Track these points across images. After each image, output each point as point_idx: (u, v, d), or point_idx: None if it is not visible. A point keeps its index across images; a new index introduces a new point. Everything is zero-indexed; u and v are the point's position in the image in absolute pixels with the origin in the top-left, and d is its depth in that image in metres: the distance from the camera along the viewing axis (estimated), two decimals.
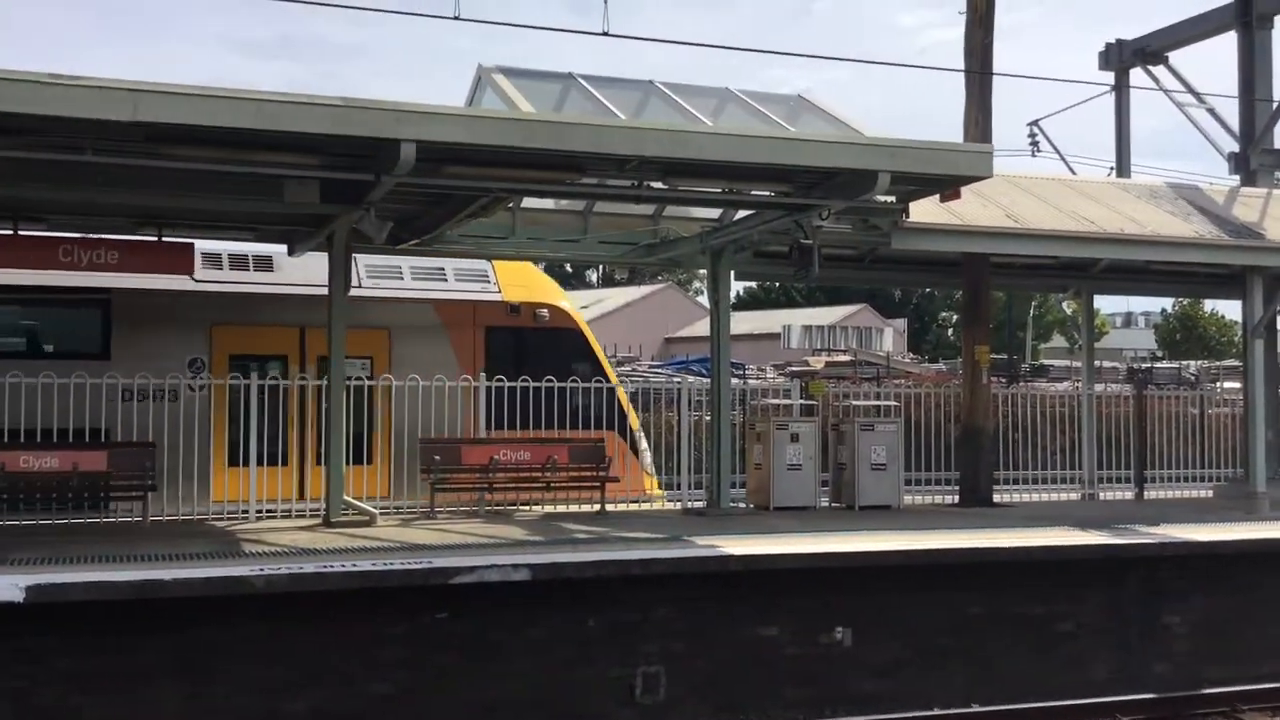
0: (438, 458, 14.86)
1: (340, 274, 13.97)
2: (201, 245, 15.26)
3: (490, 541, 11.98)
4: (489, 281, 17.71)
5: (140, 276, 14.78)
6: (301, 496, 15.19)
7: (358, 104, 10.59)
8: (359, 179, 11.63)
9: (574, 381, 15.90)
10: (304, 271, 16.29)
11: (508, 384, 15.44)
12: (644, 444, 17.53)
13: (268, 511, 14.55)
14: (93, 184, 12.12)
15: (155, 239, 14.14)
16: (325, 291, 14.02)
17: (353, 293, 14.44)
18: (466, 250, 15.86)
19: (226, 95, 10.26)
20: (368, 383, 15.33)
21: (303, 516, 14.50)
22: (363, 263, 16.64)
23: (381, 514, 14.15)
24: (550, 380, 15.54)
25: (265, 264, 16.88)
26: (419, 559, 10.47)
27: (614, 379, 17.59)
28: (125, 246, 13.84)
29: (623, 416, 16.93)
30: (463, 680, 10.30)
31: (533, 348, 17.17)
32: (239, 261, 16.80)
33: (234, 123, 10.20)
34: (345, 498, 13.89)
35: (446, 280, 17.54)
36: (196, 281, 15.70)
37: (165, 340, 15.50)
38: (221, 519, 14.33)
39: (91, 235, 13.95)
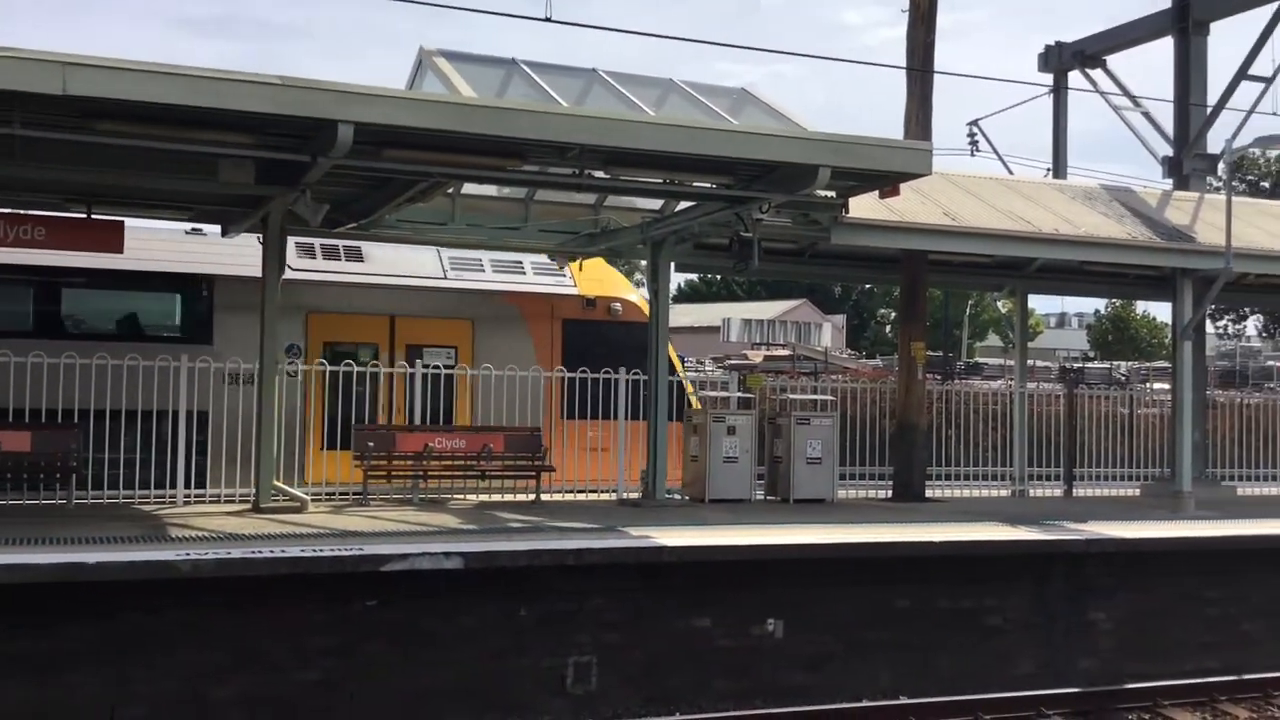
0: (371, 444, 14.72)
1: (274, 256, 13.79)
2: (296, 237, 15.34)
3: (423, 529, 11.89)
4: (565, 275, 18.43)
5: (241, 265, 15.49)
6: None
7: (295, 83, 10.42)
8: (295, 160, 11.46)
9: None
10: (391, 263, 17.32)
11: (577, 375, 15.92)
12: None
13: (195, 496, 14.35)
14: (21, 158, 11.83)
15: (84, 216, 13.84)
16: (413, 281, 15.20)
17: (439, 284, 16.09)
18: (404, 236, 15.72)
19: (161, 71, 10.05)
20: (443, 372, 15.84)
21: (231, 501, 14.30)
22: (446, 255, 17.63)
23: (313, 500, 13.99)
24: (628, 372, 16.04)
25: (355, 254, 17.42)
26: (349, 545, 10.36)
27: (681, 371, 18.45)
28: (53, 223, 13.52)
29: (689, 408, 17.52)
30: (393, 669, 10.21)
31: (606, 340, 17.69)
32: (331, 251, 17.29)
33: (168, 99, 10.00)
34: (275, 483, 13.72)
35: (525, 274, 18.34)
36: (293, 270, 15.95)
37: None
38: (147, 502, 14.09)
39: (19, 211, 13.62)
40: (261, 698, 9.80)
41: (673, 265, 16.25)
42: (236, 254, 16.06)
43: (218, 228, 15.38)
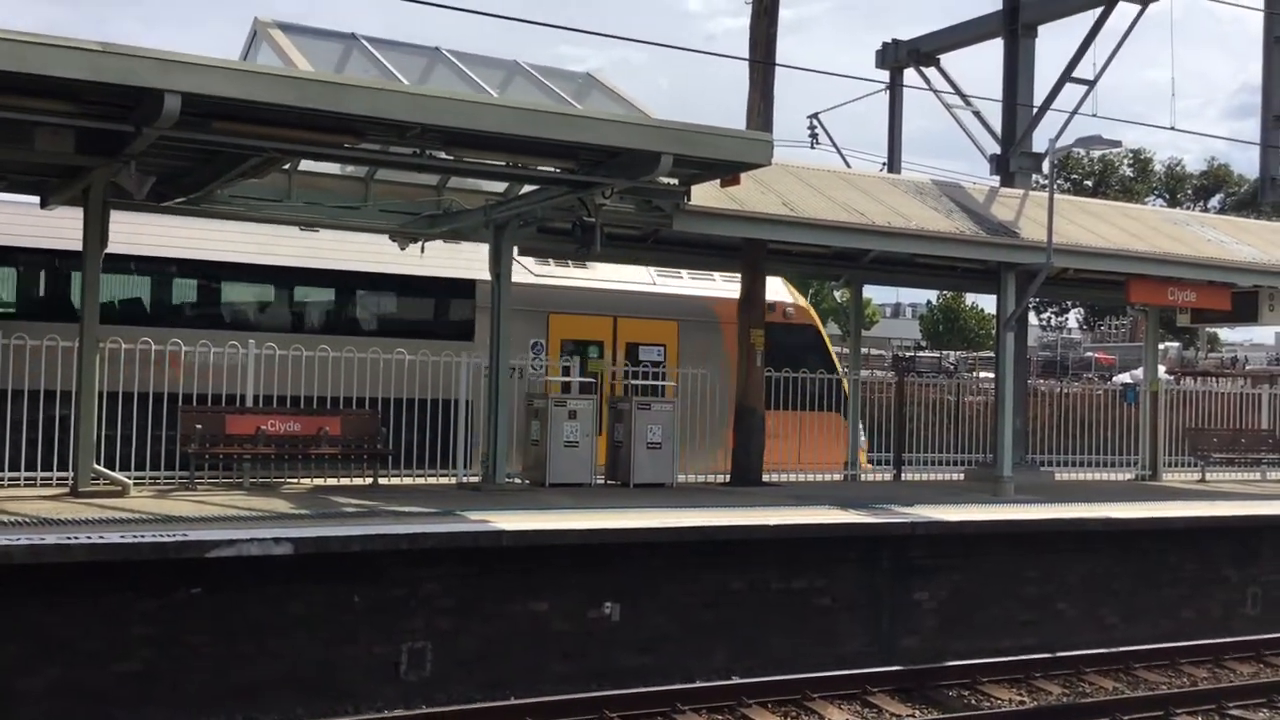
0: (199, 426, 14.25)
1: (96, 230, 13.20)
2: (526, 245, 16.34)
3: (252, 514, 11.55)
4: None
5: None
6: None
7: (118, 50, 9.97)
8: (118, 130, 10.97)
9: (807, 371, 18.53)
10: (615, 270, 19.91)
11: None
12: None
13: (9, 480, 13.69)
14: None
15: None
16: (630, 287, 18.56)
17: (650, 289, 19.16)
18: (236, 212, 15.23)
19: None
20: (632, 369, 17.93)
21: (48, 485, 13.67)
22: (652, 267, 20.09)
23: (135, 484, 13.48)
24: (797, 369, 18.41)
25: (582, 265, 19.54)
26: (172, 531, 10.01)
27: (839, 369, 20.77)
28: None
29: (845, 400, 18.94)
30: (218, 659, 9.92)
31: (783, 341, 19.51)
32: (563, 259, 18.98)
33: None
34: (96, 466, 13.17)
35: (715, 280, 20.92)
36: (534, 275, 18.90)
37: (515, 326, 16.66)
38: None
39: None
40: (74, 690, 9.41)
41: (515, 248, 16.15)
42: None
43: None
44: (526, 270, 18.48)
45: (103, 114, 10.82)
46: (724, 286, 20.53)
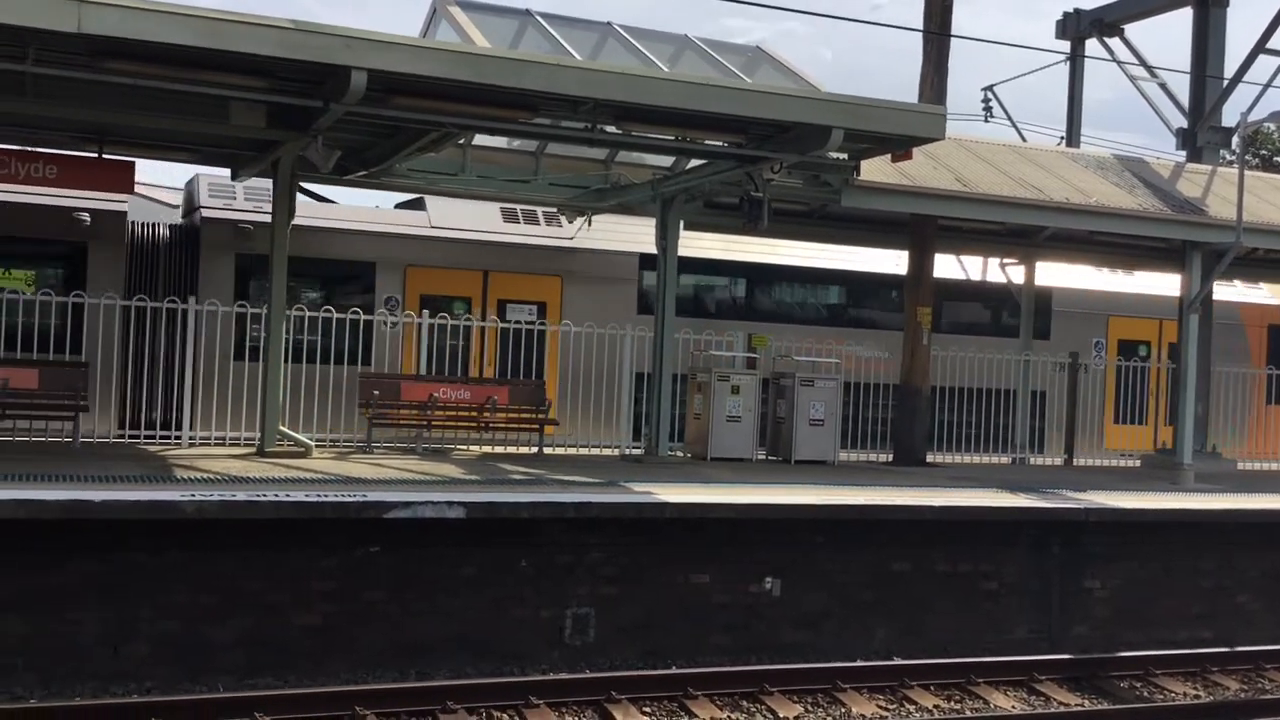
0: (376, 393, 14.78)
1: (284, 201, 13.78)
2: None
3: (426, 478, 11.96)
4: (1262, 289, 22.93)
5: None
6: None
7: (308, 28, 10.38)
8: (307, 105, 11.43)
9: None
10: (1158, 278, 20.69)
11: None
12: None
13: (201, 439, 14.45)
14: (33, 96, 11.81)
15: (96, 156, 13.83)
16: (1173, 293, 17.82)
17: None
18: (414, 185, 15.70)
19: (175, 11, 10.00)
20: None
21: (236, 445, 14.38)
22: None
23: (317, 446, 14.07)
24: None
25: (1130, 273, 21.46)
26: (353, 492, 10.43)
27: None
28: (63, 161, 13.51)
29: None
30: (392, 615, 10.31)
31: None
32: (1124, 268, 21.06)
33: (181, 40, 9.96)
34: (281, 428, 13.79)
35: (1235, 285, 22.15)
36: (1094, 284, 21.74)
37: (1079, 325, 20.40)
38: (153, 443, 14.19)
39: (30, 148, 13.61)
40: (259, 641, 9.89)
41: (682, 223, 16.22)
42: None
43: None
44: (1087, 278, 21.39)
45: (293, 90, 11.29)
46: (1245, 292, 22.61)
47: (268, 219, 14.86)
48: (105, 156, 13.82)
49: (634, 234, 18.20)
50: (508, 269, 17.82)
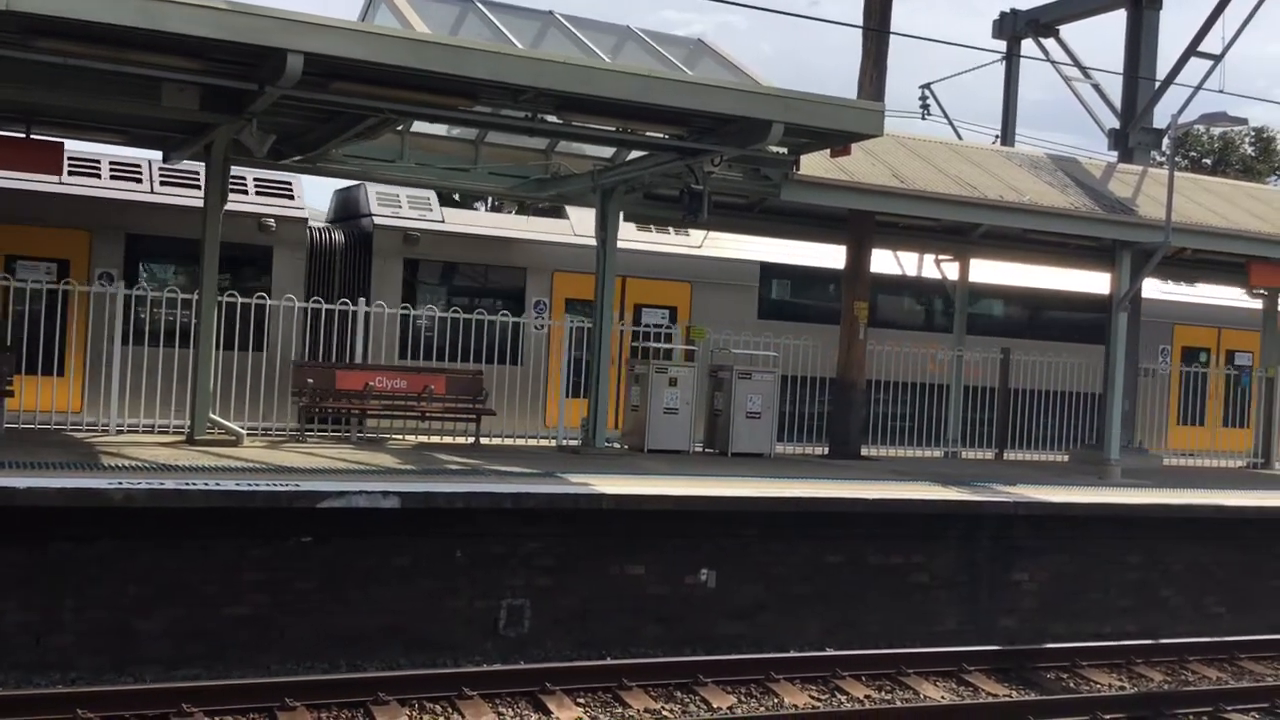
0: (310, 381, 14.61)
1: (217, 185, 13.56)
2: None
3: (360, 468, 11.85)
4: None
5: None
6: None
7: (244, 9, 10.21)
8: (242, 88, 11.26)
9: None
10: (1218, 289, 22.46)
11: None
12: None
13: (129, 426, 14.20)
14: None
15: (23, 136, 13.52)
16: (1236, 303, 21.02)
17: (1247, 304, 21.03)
18: (351, 171, 15.53)
19: None
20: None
21: (165, 433, 14.15)
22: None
23: (249, 434, 13.88)
24: None
25: (1192, 284, 22.91)
26: (285, 481, 10.30)
27: None
28: None
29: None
30: (325, 606, 10.21)
31: None
32: (1177, 278, 22.08)
33: (113, 19, 9.76)
34: (212, 415, 13.59)
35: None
36: (1162, 293, 22.53)
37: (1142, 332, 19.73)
38: (80, 430, 13.92)
39: None
40: (188, 632, 9.75)
41: (621, 214, 16.20)
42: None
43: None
44: (1155, 288, 21.85)
45: (227, 72, 11.11)
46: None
47: (430, 226, 17.10)
48: (33, 137, 13.52)
49: (754, 245, 19.76)
50: (642, 275, 18.87)
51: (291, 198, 17.25)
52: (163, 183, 16.53)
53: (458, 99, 11.78)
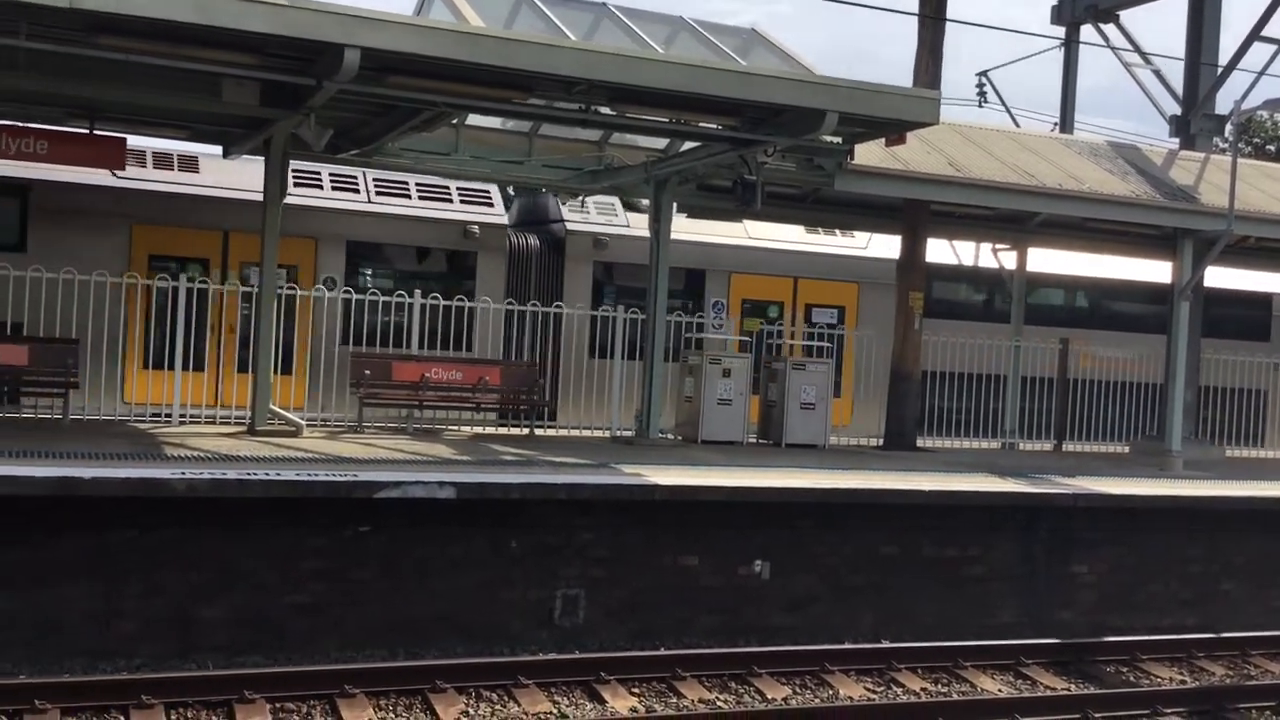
0: (367, 372, 14.76)
1: (276, 179, 13.73)
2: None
3: (416, 458, 11.96)
4: None
5: None
6: None
7: (302, 5, 10.32)
8: (300, 83, 11.38)
9: None
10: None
11: None
12: None
13: (191, 417, 14.44)
14: (25, 70, 11.74)
15: (86, 131, 13.76)
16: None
17: None
18: (406, 165, 15.66)
19: None
20: None
21: (227, 423, 14.37)
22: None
23: (308, 426, 14.06)
24: None
25: None
26: (343, 472, 10.43)
27: None
28: (55, 137, 13.45)
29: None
30: (381, 595, 10.33)
31: None
32: None
33: (173, 15, 9.91)
34: (272, 406, 13.78)
35: None
36: None
37: None
38: (143, 420, 14.17)
39: (20, 124, 13.54)
40: (248, 620, 9.92)
41: (674, 205, 16.20)
42: None
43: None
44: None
45: (285, 67, 11.24)
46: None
47: (616, 230, 18.21)
48: (96, 132, 13.76)
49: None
50: (812, 276, 19.60)
51: (491, 205, 18.27)
52: (378, 192, 17.62)
53: (511, 92, 11.83)
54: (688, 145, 14.55)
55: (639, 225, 18.88)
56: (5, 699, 8.18)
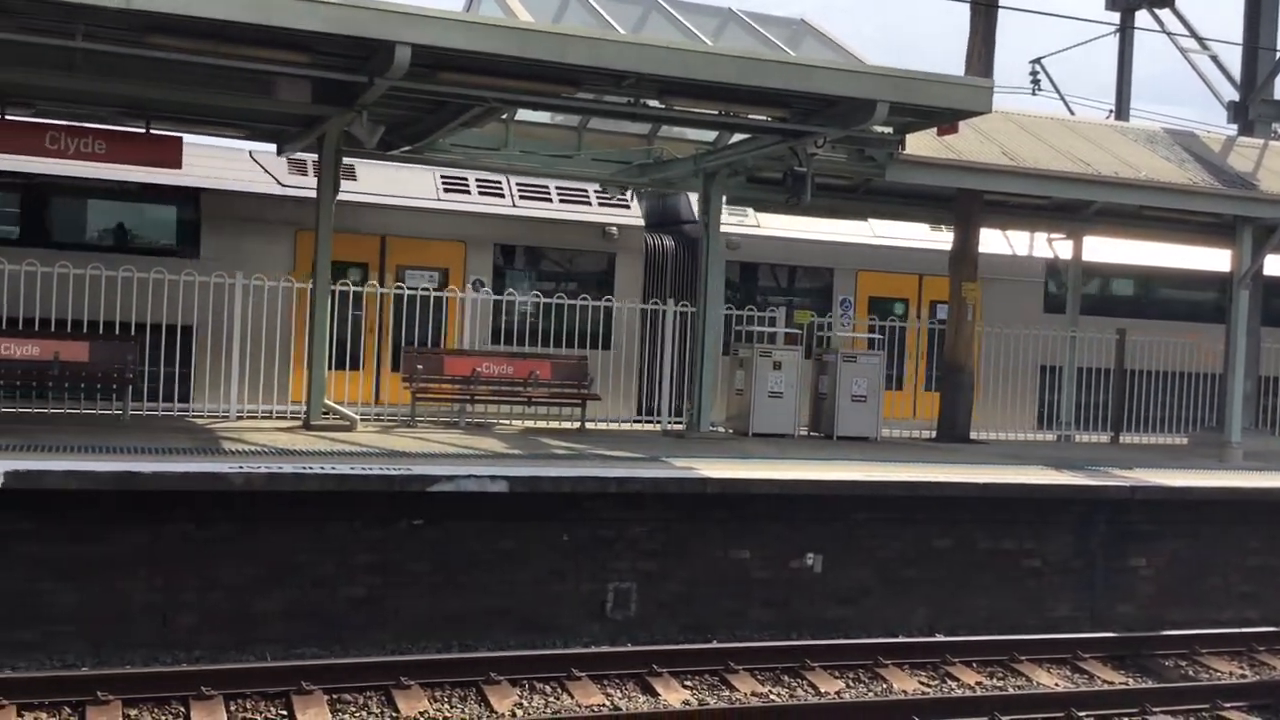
0: (420, 367, 14.87)
1: (329, 177, 13.85)
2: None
3: (469, 452, 12.04)
4: None
5: None
6: None
7: (353, 4, 10.39)
8: (352, 80, 11.47)
9: None
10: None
11: None
12: None
13: (248, 412, 14.62)
14: (82, 71, 11.93)
15: (143, 131, 13.97)
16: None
17: None
18: (457, 160, 15.75)
19: None
20: None
21: (283, 418, 14.53)
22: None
23: (362, 420, 14.19)
24: None
25: None
26: (397, 465, 10.52)
27: None
28: (112, 137, 13.66)
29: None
30: (434, 588, 10.41)
31: None
32: None
33: (226, 15, 10.02)
34: (326, 401, 13.91)
35: None
36: None
37: None
38: (202, 416, 14.37)
39: (79, 124, 13.77)
40: (304, 613, 10.03)
41: (724, 198, 16.16)
42: None
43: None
44: None
45: (338, 65, 11.33)
46: None
47: (747, 230, 18.33)
48: (153, 132, 13.96)
49: (1040, 242, 20.14)
50: (936, 272, 19.13)
51: (628, 207, 18.65)
52: (521, 196, 18.02)
53: (561, 86, 11.86)
54: (737, 137, 14.50)
55: (769, 225, 19.27)
56: (69, 690, 8.34)
